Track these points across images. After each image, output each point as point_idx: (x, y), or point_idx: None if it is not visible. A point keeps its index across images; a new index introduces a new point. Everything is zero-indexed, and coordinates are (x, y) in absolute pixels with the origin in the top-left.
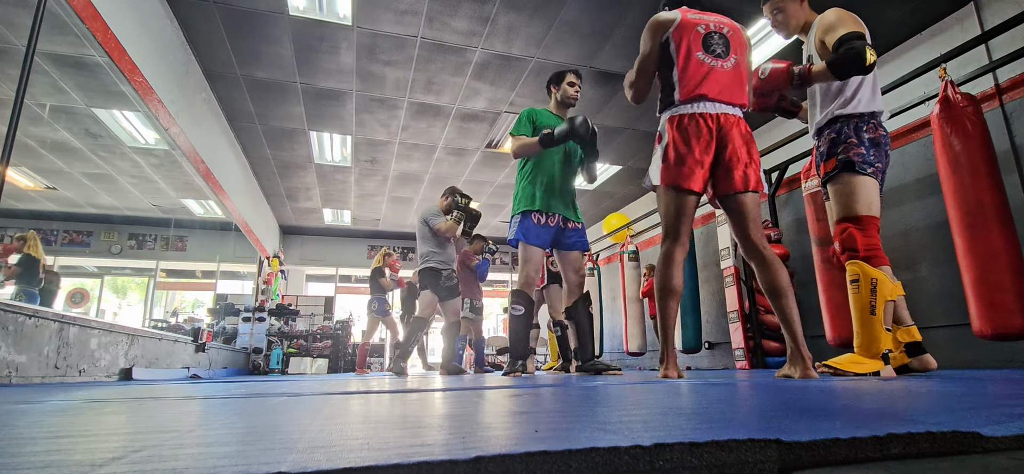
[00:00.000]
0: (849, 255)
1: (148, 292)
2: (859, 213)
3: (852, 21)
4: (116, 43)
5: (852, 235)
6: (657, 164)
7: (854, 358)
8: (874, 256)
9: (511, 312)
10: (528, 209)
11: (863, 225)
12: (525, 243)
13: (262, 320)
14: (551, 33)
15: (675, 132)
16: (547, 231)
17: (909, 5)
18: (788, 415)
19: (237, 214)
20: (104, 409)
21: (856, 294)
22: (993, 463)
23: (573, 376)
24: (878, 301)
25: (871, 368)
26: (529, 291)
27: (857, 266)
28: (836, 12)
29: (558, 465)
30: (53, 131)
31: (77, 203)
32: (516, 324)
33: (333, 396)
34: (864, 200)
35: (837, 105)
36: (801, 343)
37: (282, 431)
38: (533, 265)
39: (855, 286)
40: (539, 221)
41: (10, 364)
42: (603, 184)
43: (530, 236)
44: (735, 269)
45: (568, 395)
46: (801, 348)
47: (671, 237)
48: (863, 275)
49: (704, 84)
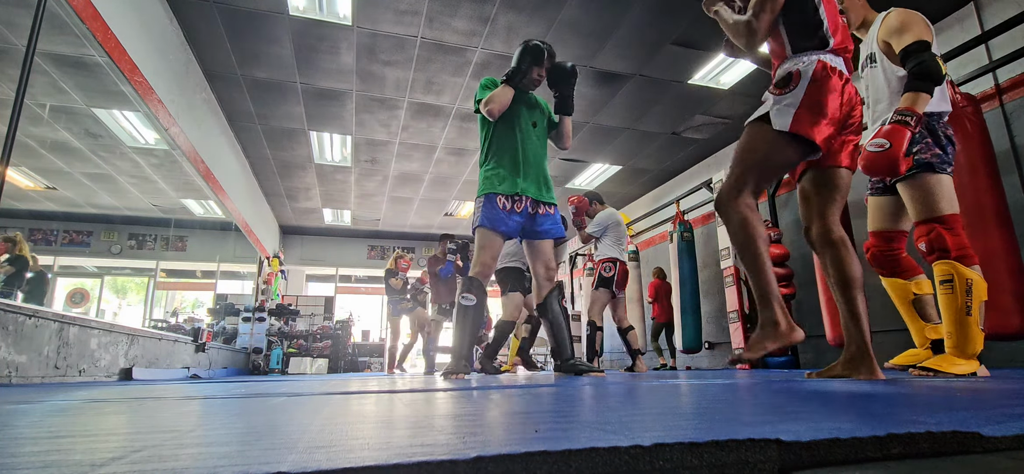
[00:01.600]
0: (939, 255)
1: (148, 292)
2: (944, 212)
3: (920, 25)
4: (116, 43)
5: (941, 235)
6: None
7: (949, 359)
8: (966, 256)
9: (461, 302)
10: (493, 191)
11: (949, 224)
12: (487, 229)
13: (262, 320)
14: (551, 33)
15: (821, 79)
16: (514, 219)
17: (909, 5)
18: (788, 415)
19: (237, 214)
20: (104, 409)
21: (949, 295)
22: (993, 463)
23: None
24: (974, 302)
25: (968, 369)
26: (485, 280)
27: (950, 266)
28: (902, 14)
29: (558, 465)
30: (53, 131)
31: (77, 203)
32: (466, 316)
33: (333, 396)
34: (947, 198)
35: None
36: (869, 343)
37: (282, 431)
38: (491, 252)
39: (948, 286)
40: (505, 206)
41: (10, 364)
42: (603, 184)
43: (496, 223)
44: (735, 269)
45: (568, 395)
46: (868, 348)
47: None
48: (958, 276)
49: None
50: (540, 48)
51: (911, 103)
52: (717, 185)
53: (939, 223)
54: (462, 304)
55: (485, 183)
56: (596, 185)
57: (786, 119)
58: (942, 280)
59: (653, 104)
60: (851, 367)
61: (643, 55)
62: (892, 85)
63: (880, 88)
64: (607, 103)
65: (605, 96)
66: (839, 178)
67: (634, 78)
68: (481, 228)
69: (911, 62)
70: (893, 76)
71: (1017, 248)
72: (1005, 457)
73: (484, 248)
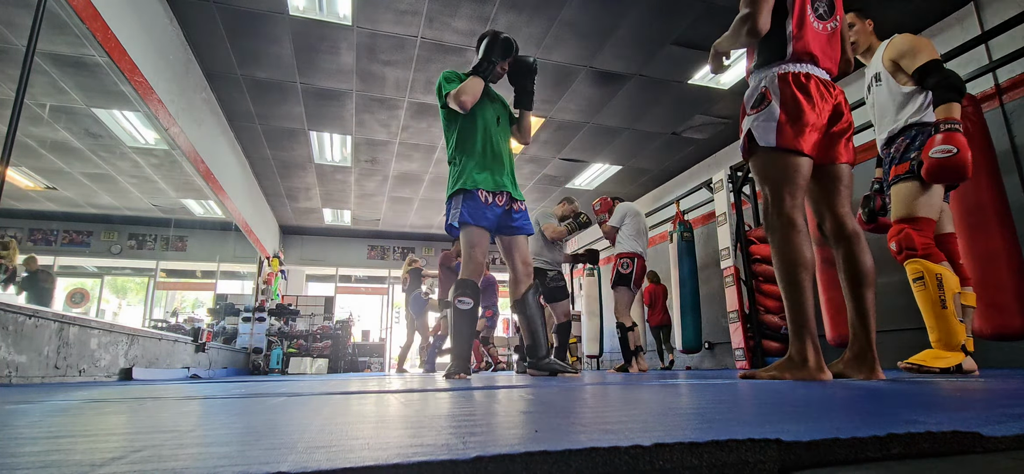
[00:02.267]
0: (908, 255)
1: (148, 292)
2: (918, 215)
3: (929, 47)
4: (116, 43)
5: (909, 235)
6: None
7: (934, 353)
8: (932, 254)
9: (457, 305)
10: (471, 187)
11: (920, 226)
12: (470, 225)
13: (262, 320)
14: (551, 33)
15: (791, 89)
16: (493, 212)
17: (909, 5)
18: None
19: (237, 214)
20: (104, 409)
21: (923, 291)
22: (993, 463)
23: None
24: (946, 295)
25: (953, 361)
26: (479, 279)
27: (919, 264)
28: (909, 38)
29: (558, 465)
30: (53, 131)
31: (77, 203)
32: (462, 320)
33: (333, 396)
34: (925, 204)
35: (910, 113)
36: (874, 343)
37: (282, 431)
38: (481, 249)
39: (920, 283)
40: (486, 200)
41: (10, 364)
42: (603, 184)
43: (477, 217)
44: (735, 269)
45: (568, 395)
46: (872, 349)
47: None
48: (927, 272)
49: (813, 44)
50: (510, 41)
51: (948, 113)
52: (717, 185)
53: (909, 223)
54: (458, 308)
55: (459, 178)
56: (596, 185)
57: (770, 136)
58: (914, 278)
59: (653, 104)
60: (853, 366)
61: (643, 55)
62: (897, 101)
63: (885, 104)
64: (607, 103)
65: (605, 96)
66: (841, 172)
67: (634, 78)
68: (466, 226)
69: (933, 78)
70: (898, 92)
71: (1018, 248)
72: (1005, 457)
73: (475, 246)
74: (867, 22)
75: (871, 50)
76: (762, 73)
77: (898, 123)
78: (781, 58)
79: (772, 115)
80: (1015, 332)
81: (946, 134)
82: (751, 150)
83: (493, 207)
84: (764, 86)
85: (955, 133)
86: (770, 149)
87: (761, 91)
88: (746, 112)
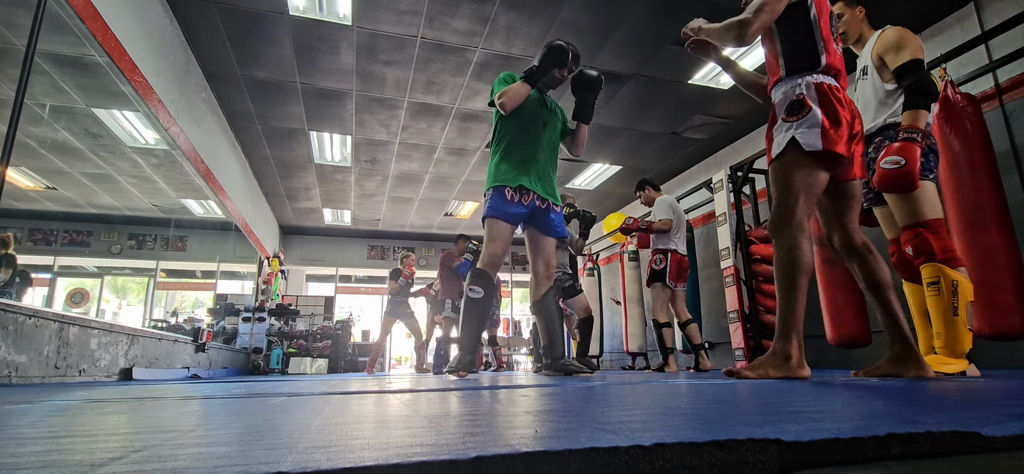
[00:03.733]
0: (925, 259)
1: (148, 292)
2: (928, 217)
3: (915, 43)
4: (116, 43)
5: (926, 239)
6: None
7: (939, 359)
8: (951, 258)
9: (468, 294)
10: (502, 184)
11: (934, 228)
12: (494, 219)
13: (262, 320)
14: (551, 33)
15: (828, 97)
16: (519, 209)
17: (909, 5)
18: (788, 415)
19: (237, 214)
20: (104, 409)
21: (937, 296)
22: (993, 463)
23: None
24: (960, 302)
25: (957, 368)
26: (493, 272)
27: (936, 269)
28: (898, 32)
29: (558, 465)
30: (53, 131)
31: (77, 203)
32: (473, 310)
33: (333, 396)
34: (930, 204)
35: (889, 113)
36: (912, 340)
37: (282, 431)
38: (500, 243)
39: (935, 288)
40: (512, 198)
41: (10, 364)
42: (603, 184)
43: (502, 212)
44: (735, 269)
45: (568, 395)
46: (912, 345)
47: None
48: (944, 278)
49: (837, 60)
50: (563, 49)
51: (913, 120)
52: (717, 185)
53: (924, 227)
54: (470, 296)
55: (493, 176)
56: (596, 185)
57: (816, 140)
58: (929, 282)
59: (653, 104)
60: (899, 365)
61: (643, 55)
62: (879, 96)
63: (868, 99)
64: (607, 103)
65: (605, 96)
66: (853, 188)
67: (634, 78)
68: (490, 218)
69: (907, 79)
70: (881, 89)
71: (1017, 247)
72: (1005, 457)
73: (494, 239)
74: (858, 9)
75: (862, 40)
76: (793, 81)
77: (877, 121)
78: (814, 68)
79: (815, 121)
80: (1014, 332)
81: (902, 143)
82: (782, 154)
83: (518, 205)
84: (800, 93)
85: (910, 144)
86: (803, 154)
87: (798, 98)
88: (780, 118)
